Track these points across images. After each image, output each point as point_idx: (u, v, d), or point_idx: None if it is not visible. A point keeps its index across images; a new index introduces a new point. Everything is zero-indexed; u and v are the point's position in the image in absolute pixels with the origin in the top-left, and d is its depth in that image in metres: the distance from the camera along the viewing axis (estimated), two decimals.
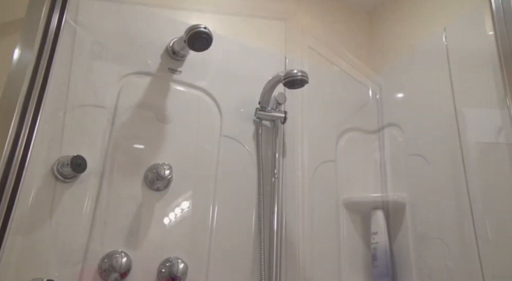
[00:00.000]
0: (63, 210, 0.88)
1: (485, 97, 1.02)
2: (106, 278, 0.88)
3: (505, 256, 0.92)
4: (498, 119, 0.96)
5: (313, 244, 1.17)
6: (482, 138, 1.01)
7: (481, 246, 0.98)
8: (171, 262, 0.95)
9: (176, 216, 1.02)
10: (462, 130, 1.07)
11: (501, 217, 0.95)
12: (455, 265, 1.02)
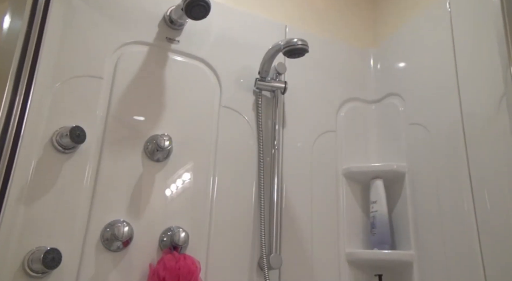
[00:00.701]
0: (64, 181, 0.88)
1: (488, 66, 1.00)
2: (108, 247, 0.89)
3: (503, 225, 0.93)
4: (501, 88, 0.95)
5: (312, 213, 1.19)
6: (484, 107, 1.01)
7: (479, 215, 0.98)
8: (173, 231, 0.96)
9: (177, 186, 1.02)
10: (464, 99, 1.06)
11: (500, 186, 0.95)
12: (453, 233, 1.03)
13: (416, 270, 1.11)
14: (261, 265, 1.04)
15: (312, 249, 1.15)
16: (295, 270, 1.11)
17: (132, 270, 0.91)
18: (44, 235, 0.83)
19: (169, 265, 0.89)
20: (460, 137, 1.05)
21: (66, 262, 0.83)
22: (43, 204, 0.85)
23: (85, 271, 0.86)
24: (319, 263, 1.15)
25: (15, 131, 0.80)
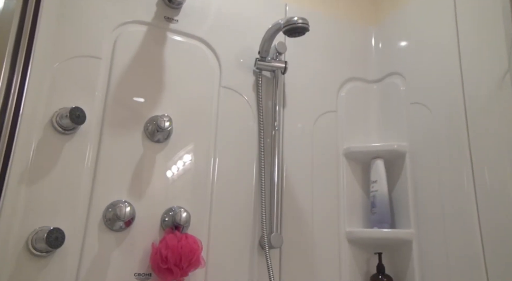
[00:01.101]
0: (65, 162, 0.89)
1: (492, 43, 0.99)
2: (111, 227, 0.90)
3: (502, 203, 0.93)
4: (504, 65, 0.94)
5: (313, 193, 1.19)
6: (486, 85, 1.00)
7: (478, 193, 0.99)
8: (174, 211, 0.97)
9: (178, 167, 1.03)
10: (466, 77, 1.05)
11: (500, 164, 0.95)
12: (453, 211, 1.04)
13: (415, 247, 1.12)
14: (262, 244, 1.05)
15: (313, 228, 1.16)
16: (296, 249, 1.12)
17: (134, 249, 0.92)
18: (47, 215, 0.84)
19: (171, 244, 0.90)
20: (462, 116, 1.05)
21: (70, 241, 0.84)
22: (44, 184, 0.85)
23: (88, 251, 0.87)
24: (320, 242, 1.16)
25: (14, 111, 0.80)
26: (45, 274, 0.81)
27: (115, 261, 0.89)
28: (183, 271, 0.90)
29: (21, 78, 0.82)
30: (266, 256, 1.00)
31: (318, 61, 1.32)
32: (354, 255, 1.20)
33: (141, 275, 0.91)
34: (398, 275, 1.16)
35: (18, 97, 0.81)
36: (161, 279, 0.90)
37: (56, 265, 0.82)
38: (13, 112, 0.80)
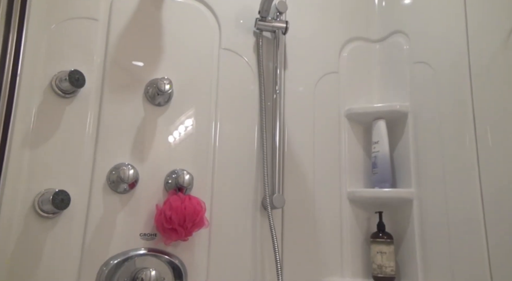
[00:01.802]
0: (67, 125, 0.89)
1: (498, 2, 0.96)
2: (115, 189, 0.92)
3: (504, 164, 0.93)
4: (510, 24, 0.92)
5: (314, 155, 1.20)
6: (491, 43, 0.97)
7: (480, 153, 0.99)
8: (177, 174, 0.98)
9: (179, 130, 1.03)
10: (471, 35, 1.02)
11: (503, 124, 0.94)
12: (454, 170, 1.05)
13: (415, 207, 1.14)
14: (264, 204, 1.07)
15: (314, 189, 1.18)
16: (298, 209, 1.14)
17: (139, 211, 0.94)
18: (51, 178, 0.85)
19: (175, 205, 0.92)
20: (466, 75, 1.03)
21: (75, 203, 0.85)
22: (47, 148, 0.86)
23: (94, 212, 0.89)
24: (321, 202, 1.18)
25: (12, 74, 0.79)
26: (54, 234, 0.83)
27: (121, 222, 0.91)
28: (188, 231, 0.93)
29: (17, 40, 0.80)
30: (269, 216, 1.02)
31: (319, 21, 1.29)
32: (355, 215, 1.22)
33: (146, 235, 0.93)
34: (398, 233, 1.19)
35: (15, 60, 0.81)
36: (166, 238, 0.92)
37: (63, 225, 0.84)
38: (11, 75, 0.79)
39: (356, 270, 1.18)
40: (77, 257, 0.85)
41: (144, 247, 0.92)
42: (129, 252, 0.90)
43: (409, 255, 1.13)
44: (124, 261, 0.89)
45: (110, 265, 0.87)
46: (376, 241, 1.15)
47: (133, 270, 0.89)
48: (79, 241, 0.86)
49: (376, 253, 1.14)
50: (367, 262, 1.19)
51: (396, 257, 1.17)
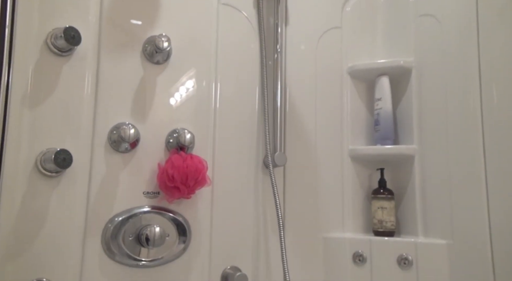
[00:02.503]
0: (65, 84, 0.88)
1: None
2: (117, 148, 0.92)
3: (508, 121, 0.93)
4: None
5: (316, 113, 1.19)
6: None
7: (485, 110, 0.98)
8: (178, 133, 0.98)
9: (179, 89, 1.01)
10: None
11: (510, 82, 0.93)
12: (457, 127, 1.04)
13: (417, 163, 1.14)
14: (266, 163, 1.07)
15: (316, 147, 1.18)
16: (299, 167, 1.15)
17: (141, 170, 0.94)
18: (52, 138, 0.85)
19: (177, 163, 0.92)
20: (473, 29, 1.00)
21: (78, 162, 0.86)
22: (47, 107, 0.85)
23: (96, 171, 0.89)
24: (323, 159, 1.18)
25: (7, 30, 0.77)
26: (58, 192, 0.84)
27: (124, 181, 0.92)
28: (190, 189, 0.93)
29: None
30: (270, 174, 1.02)
31: None
32: (357, 172, 1.22)
33: (149, 194, 0.94)
34: (399, 189, 1.20)
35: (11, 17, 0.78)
36: (169, 196, 0.94)
37: (67, 184, 0.85)
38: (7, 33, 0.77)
39: (357, 226, 1.20)
40: (82, 214, 0.86)
41: (148, 205, 0.94)
42: (133, 210, 0.92)
43: (410, 210, 1.15)
44: (128, 218, 0.90)
45: (115, 222, 0.89)
46: (377, 197, 1.17)
47: (138, 227, 0.91)
48: (84, 199, 0.87)
49: (377, 208, 1.16)
50: (368, 217, 1.21)
51: (397, 212, 1.19)
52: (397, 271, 1.07)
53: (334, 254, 1.14)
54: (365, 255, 1.11)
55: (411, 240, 1.09)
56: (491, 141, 0.96)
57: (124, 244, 0.89)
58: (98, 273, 0.86)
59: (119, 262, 0.88)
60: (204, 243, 0.99)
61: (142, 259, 0.91)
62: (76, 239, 0.85)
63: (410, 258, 1.06)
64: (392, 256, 1.08)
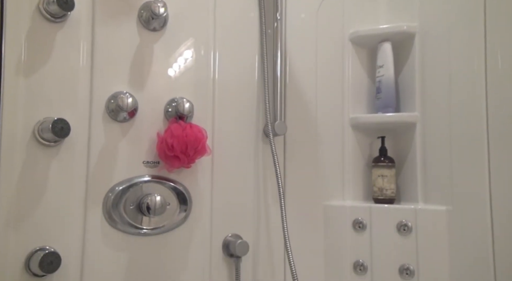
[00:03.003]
0: (60, 52, 0.85)
1: None
2: (115, 118, 0.91)
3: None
4: None
5: (317, 81, 1.18)
6: None
7: (489, 77, 0.97)
8: (177, 102, 0.96)
9: (177, 58, 0.99)
10: None
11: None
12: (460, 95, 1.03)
13: (418, 130, 1.13)
14: (266, 132, 1.06)
15: (317, 115, 1.17)
16: (300, 136, 1.14)
17: (140, 139, 0.93)
18: (49, 107, 0.84)
19: (176, 133, 0.91)
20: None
21: (76, 132, 0.85)
22: (42, 76, 0.83)
23: (95, 140, 0.88)
24: (323, 128, 1.18)
25: None
26: (57, 161, 0.84)
27: (123, 150, 0.91)
28: (190, 158, 0.93)
29: None
30: (271, 143, 1.02)
31: None
32: (358, 140, 1.22)
33: (149, 163, 0.94)
34: (400, 157, 1.20)
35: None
36: (169, 166, 0.93)
37: (66, 153, 0.85)
38: None
39: (357, 194, 1.21)
40: (82, 183, 0.86)
41: (148, 174, 0.94)
42: (133, 179, 0.92)
43: (410, 178, 1.15)
44: (129, 188, 0.90)
45: (116, 191, 0.89)
46: (377, 165, 1.17)
47: (138, 196, 0.91)
48: (83, 169, 0.87)
49: (377, 176, 1.16)
50: (368, 185, 1.22)
51: (397, 180, 1.19)
52: (396, 237, 1.09)
53: (334, 222, 1.15)
54: (365, 222, 1.12)
55: (411, 206, 1.10)
56: (494, 108, 0.95)
57: (126, 213, 0.89)
58: (101, 241, 0.87)
59: (121, 230, 0.89)
60: (205, 211, 1.00)
61: (143, 227, 0.91)
62: (77, 208, 0.85)
63: (410, 224, 1.07)
64: (392, 222, 1.09)
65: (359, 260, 1.11)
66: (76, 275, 0.84)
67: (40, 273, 0.77)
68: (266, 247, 1.07)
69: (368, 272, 1.10)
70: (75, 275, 0.84)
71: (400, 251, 1.08)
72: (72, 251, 0.84)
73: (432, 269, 1.04)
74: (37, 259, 0.76)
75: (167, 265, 0.94)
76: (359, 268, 1.11)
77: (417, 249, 1.06)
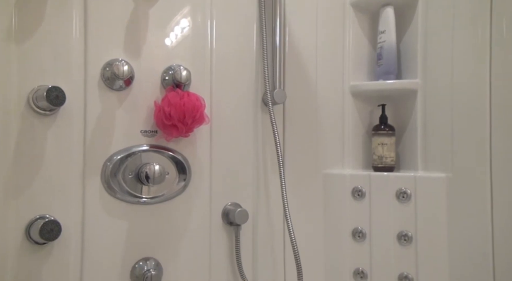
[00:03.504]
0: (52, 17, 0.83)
1: None
2: (111, 86, 0.89)
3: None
4: None
5: (317, 48, 1.15)
6: None
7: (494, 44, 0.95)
8: (174, 70, 0.94)
9: (173, 24, 0.97)
10: None
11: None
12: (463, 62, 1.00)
13: (420, 98, 1.12)
14: (265, 100, 1.05)
15: (316, 83, 1.15)
16: (299, 104, 1.13)
17: (138, 108, 0.92)
18: (43, 75, 0.82)
19: (173, 101, 0.90)
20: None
21: (71, 101, 0.84)
22: (34, 42, 0.81)
23: (91, 109, 0.87)
24: (323, 96, 1.16)
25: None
26: (54, 130, 0.83)
27: (120, 120, 0.90)
28: (188, 127, 0.92)
29: None
30: (270, 112, 1.00)
31: None
32: (358, 109, 1.21)
33: (147, 132, 0.93)
34: (400, 125, 1.19)
35: None
36: (167, 135, 0.92)
37: (62, 122, 0.84)
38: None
39: (357, 162, 1.21)
40: (80, 152, 0.86)
41: (146, 143, 0.93)
42: (131, 148, 0.91)
43: (410, 145, 1.15)
44: (127, 157, 0.90)
45: (114, 161, 0.88)
46: (377, 133, 1.16)
47: (137, 165, 0.90)
48: (80, 138, 0.86)
49: (377, 144, 1.15)
50: (368, 154, 1.21)
51: (397, 148, 1.18)
52: (395, 205, 1.09)
53: (333, 190, 1.15)
54: (364, 190, 1.12)
55: (411, 174, 1.10)
56: (498, 75, 0.93)
57: (124, 182, 0.89)
58: (100, 209, 0.87)
59: (121, 199, 0.89)
60: (204, 180, 1.00)
61: (143, 196, 0.91)
62: (75, 177, 0.85)
63: (409, 192, 1.08)
64: (391, 190, 1.09)
65: (358, 228, 1.12)
66: (77, 243, 0.85)
67: (41, 240, 0.77)
68: (266, 215, 1.08)
69: (366, 239, 1.11)
70: (76, 243, 0.85)
71: (399, 219, 1.08)
72: (72, 219, 0.84)
73: (430, 236, 1.05)
74: (37, 227, 0.76)
75: (167, 233, 0.94)
76: (357, 235, 1.12)
77: (416, 217, 1.07)
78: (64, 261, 0.83)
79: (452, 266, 1.02)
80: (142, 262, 0.91)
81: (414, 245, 1.07)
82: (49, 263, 0.82)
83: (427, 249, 1.05)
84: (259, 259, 1.06)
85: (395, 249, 1.08)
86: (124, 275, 0.89)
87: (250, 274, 1.03)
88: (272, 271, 1.08)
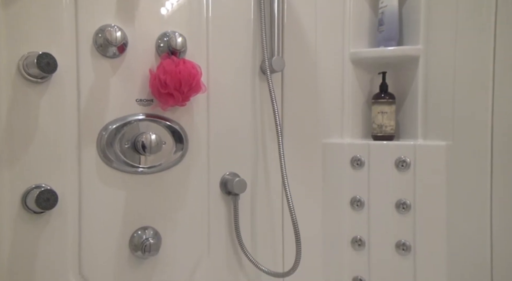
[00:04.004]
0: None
1: None
2: (104, 53, 0.86)
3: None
4: None
5: (316, 14, 1.12)
6: None
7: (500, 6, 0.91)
8: (169, 36, 0.91)
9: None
10: None
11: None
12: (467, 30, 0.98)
13: (421, 65, 1.09)
14: (263, 68, 1.02)
15: (316, 51, 1.12)
16: (298, 72, 1.11)
17: (132, 76, 0.90)
18: (33, 41, 0.79)
19: (169, 69, 0.88)
20: None
21: (63, 68, 0.81)
22: (22, 7, 0.78)
23: (84, 77, 0.85)
24: (323, 64, 1.14)
25: None
26: (46, 98, 0.81)
27: (115, 88, 0.88)
28: (184, 96, 0.90)
29: None
30: (268, 80, 0.98)
31: None
32: (358, 76, 1.18)
33: (143, 101, 0.91)
34: (401, 93, 1.17)
35: None
36: (163, 104, 0.90)
37: (55, 90, 0.81)
38: None
39: (356, 131, 1.20)
40: (74, 121, 0.84)
41: (142, 112, 0.91)
42: (127, 117, 0.89)
43: (410, 114, 1.13)
44: (123, 126, 0.88)
45: (109, 130, 0.87)
46: (377, 102, 1.14)
47: (134, 134, 0.89)
48: (74, 107, 0.84)
49: (377, 113, 1.14)
50: (368, 123, 1.20)
51: (397, 116, 1.17)
52: (394, 173, 1.08)
53: (332, 159, 1.14)
54: (363, 159, 1.12)
55: (410, 142, 1.09)
56: (502, 41, 0.91)
57: (121, 152, 0.88)
58: (97, 179, 0.87)
59: (117, 169, 0.88)
60: (201, 150, 0.99)
61: (140, 166, 0.91)
62: (70, 146, 0.84)
63: (408, 160, 1.07)
64: (390, 159, 1.09)
65: (356, 196, 1.12)
66: (74, 212, 0.84)
67: (38, 209, 0.77)
68: (264, 185, 1.07)
69: (365, 208, 1.11)
70: (73, 213, 0.84)
71: (398, 187, 1.08)
72: (69, 189, 0.84)
73: (428, 204, 1.05)
74: (33, 196, 0.76)
75: (165, 203, 0.94)
76: (356, 204, 1.12)
77: (415, 185, 1.06)
78: (62, 230, 0.83)
79: (450, 233, 1.03)
80: (140, 231, 0.91)
81: (413, 213, 1.07)
82: (47, 232, 0.81)
83: (425, 217, 1.06)
84: (258, 228, 1.06)
85: (393, 217, 1.08)
86: (123, 244, 0.89)
87: (248, 243, 1.03)
88: (270, 240, 1.08)
